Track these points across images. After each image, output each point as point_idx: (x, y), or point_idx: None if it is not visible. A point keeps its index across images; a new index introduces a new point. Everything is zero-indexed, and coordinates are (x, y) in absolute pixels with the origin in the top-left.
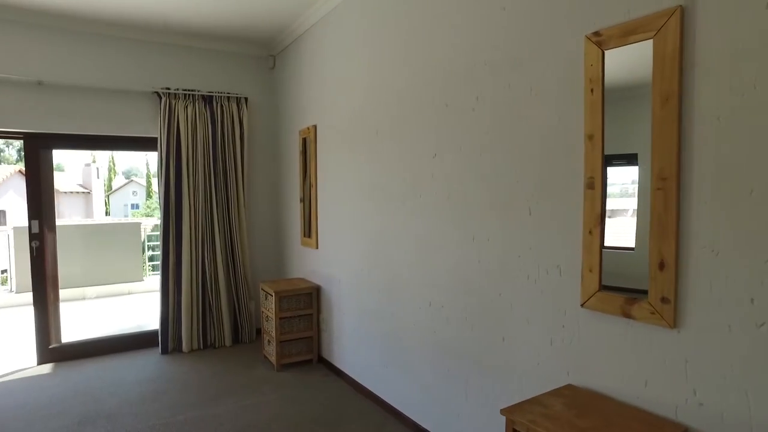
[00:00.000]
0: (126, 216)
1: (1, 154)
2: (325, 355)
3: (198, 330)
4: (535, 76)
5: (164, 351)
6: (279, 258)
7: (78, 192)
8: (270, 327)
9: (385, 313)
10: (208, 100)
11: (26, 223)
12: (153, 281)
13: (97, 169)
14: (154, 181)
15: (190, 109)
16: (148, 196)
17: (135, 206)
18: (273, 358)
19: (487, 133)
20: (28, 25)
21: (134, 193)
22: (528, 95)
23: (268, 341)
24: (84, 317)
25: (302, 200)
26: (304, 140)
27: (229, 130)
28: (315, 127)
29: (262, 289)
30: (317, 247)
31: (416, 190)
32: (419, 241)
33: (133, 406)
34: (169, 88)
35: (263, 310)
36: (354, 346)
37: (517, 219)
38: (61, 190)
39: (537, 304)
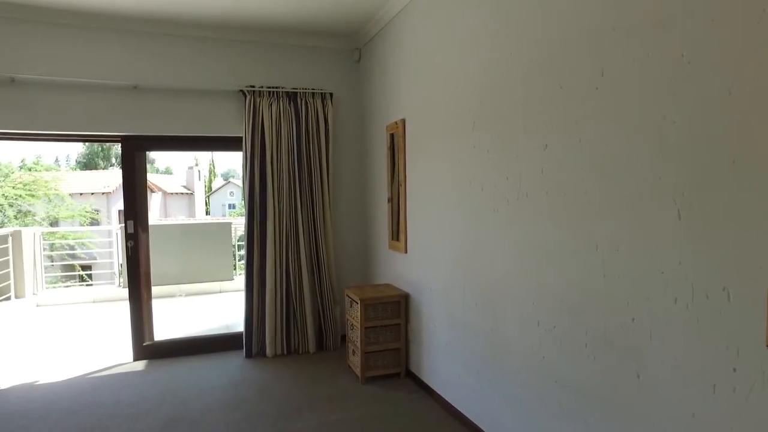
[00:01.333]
0: (224, 215)
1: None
2: (414, 369)
3: (282, 335)
4: (691, 38)
5: (248, 354)
6: (365, 262)
7: (182, 193)
8: (355, 336)
9: (482, 329)
10: (292, 96)
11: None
12: (242, 280)
13: (199, 171)
14: None
15: (274, 106)
16: (244, 196)
17: (232, 206)
18: (357, 370)
19: (616, 117)
20: (123, 32)
21: (231, 193)
22: (677, 64)
23: (353, 351)
24: (178, 314)
25: (390, 200)
26: (392, 136)
27: (313, 128)
28: (403, 121)
29: (347, 295)
30: (406, 252)
31: (521, 188)
32: (525, 247)
33: (215, 413)
34: (253, 86)
35: (348, 317)
36: (446, 363)
37: (659, 225)
38: (168, 191)
39: (691, 336)
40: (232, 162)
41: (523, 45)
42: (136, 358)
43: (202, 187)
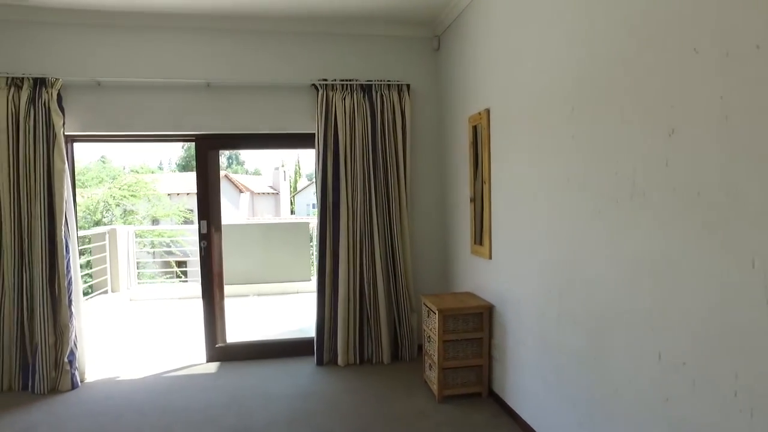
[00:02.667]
0: (308, 214)
1: None
2: (497, 389)
3: (354, 342)
4: None
5: (319, 362)
6: (444, 267)
7: (269, 193)
8: (432, 349)
9: (582, 356)
10: (366, 89)
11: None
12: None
13: (284, 172)
14: None
15: (347, 100)
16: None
17: (315, 206)
18: (434, 387)
19: None
20: (195, 30)
21: (315, 193)
22: None
23: (430, 365)
24: (254, 314)
25: (473, 200)
26: (475, 128)
27: (389, 122)
28: (488, 111)
29: (424, 304)
30: (490, 258)
31: (637, 185)
32: (643, 259)
33: (281, 426)
34: (325, 79)
35: (425, 328)
36: (535, 387)
37: None
38: (256, 191)
39: None
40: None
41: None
42: (209, 360)
43: (287, 187)
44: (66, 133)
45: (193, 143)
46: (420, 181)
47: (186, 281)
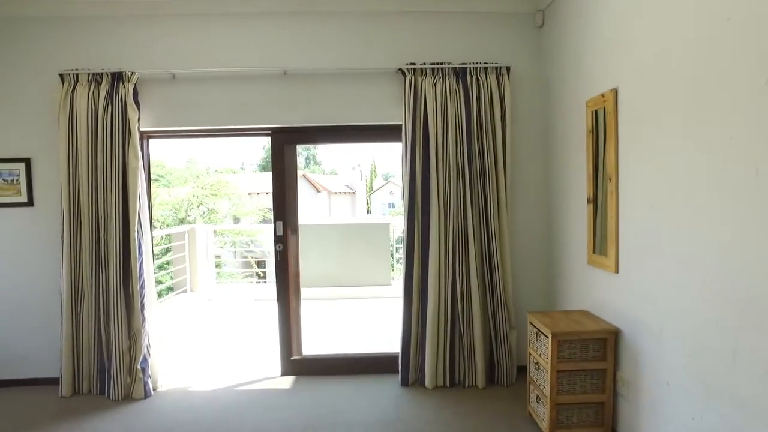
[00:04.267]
0: (384, 214)
1: None
2: None
3: (444, 362)
4: None
5: (404, 382)
6: (549, 279)
7: (345, 193)
8: (541, 379)
9: None
10: (460, 73)
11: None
12: (401, 286)
13: (361, 171)
14: None
15: (439, 86)
16: (403, 196)
17: (391, 205)
18: (544, 425)
19: None
20: (270, 14)
21: (391, 193)
22: None
23: (537, 398)
24: (331, 320)
25: (591, 201)
26: (595, 114)
27: (486, 110)
28: (614, 92)
29: (531, 323)
30: (616, 271)
31: None
32: None
33: None
34: (414, 63)
35: (531, 351)
36: None
37: None
38: (333, 190)
39: None
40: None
41: None
42: (283, 373)
43: (363, 186)
44: (141, 129)
45: (269, 138)
46: (522, 177)
47: (265, 281)
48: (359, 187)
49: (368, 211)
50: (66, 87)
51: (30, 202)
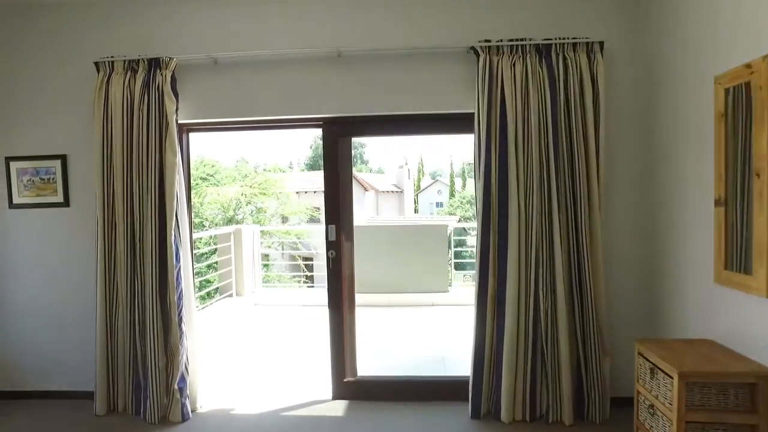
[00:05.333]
0: (431, 213)
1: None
2: None
3: (524, 391)
4: None
5: (475, 414)
6: (655, 298)
7: (393, 191)
8: (657, 428)
9: None
10: (544, 51)
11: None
12: (458, 293)
13: (408, 170)
14: (457, 181)
15: (518, 67)
16: (451, 195)
17: (439, 204)
18: None
19: None
20: None
21: (439, 192)
22: None
23: None
24: (382, 332)
25: (721, 203)
26: (731, 92)
27: (575, 94)
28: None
29: (640, 353)
30: None
31: None
32: None
33: None
34: (489, 41)
35: (640, 389)
36: None
37: None
38: (380, 189)
39: None
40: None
41: None
42: (335, 396)
43: (411, 185)
44: (179, 122)
45: (320, 129)
46: (618, 175)
47: (312, 286)
48: (407, 186)
49: (416, 211)
50: (101, 76)
51: (66, 202)
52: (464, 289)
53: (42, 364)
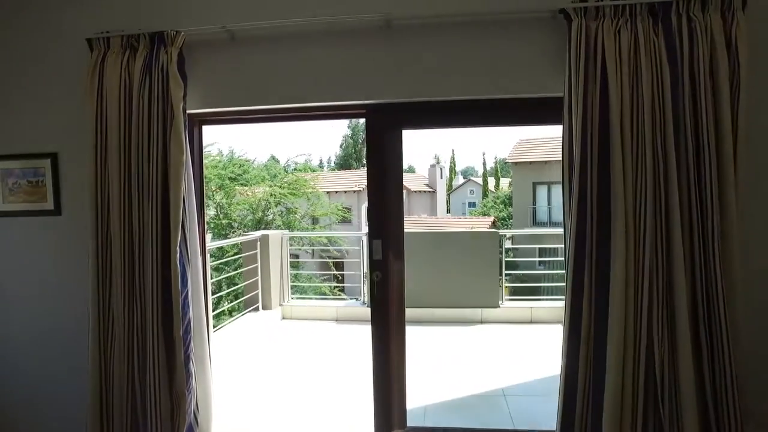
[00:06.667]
0: (463, 214)
1: None
2: None
3: None
4: None
5: None
6: None
7: (425, 191)
8: None
9: None
10: (660, 12)
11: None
12: (510, 309)
13: (441, 169)
14: (490, 180)
15: (624, 35)
16: (484, 195)
17: (472, 204)
18: None
19: None
20: None
21: (471, 191)
22: None
23: None
24: (425, 355)
25: None
26: None
27: (704, 70)
28: None
29: None
30: None
31: None
32: None
33: None
34: (585, 0)
35: None
36: None
37: None
38: (412, 189)
39: None
40: (472, 158)
41: None
42: None
43: (443, 185)
44: (189, 111)
45: (363, 120)
46: (762, 170)
47: (344, 299)
48: (439, 185)
49: (448, 211)
50: (95, 56)
51: (57, 210)
52: (514, 303)
53: (27, 399)
